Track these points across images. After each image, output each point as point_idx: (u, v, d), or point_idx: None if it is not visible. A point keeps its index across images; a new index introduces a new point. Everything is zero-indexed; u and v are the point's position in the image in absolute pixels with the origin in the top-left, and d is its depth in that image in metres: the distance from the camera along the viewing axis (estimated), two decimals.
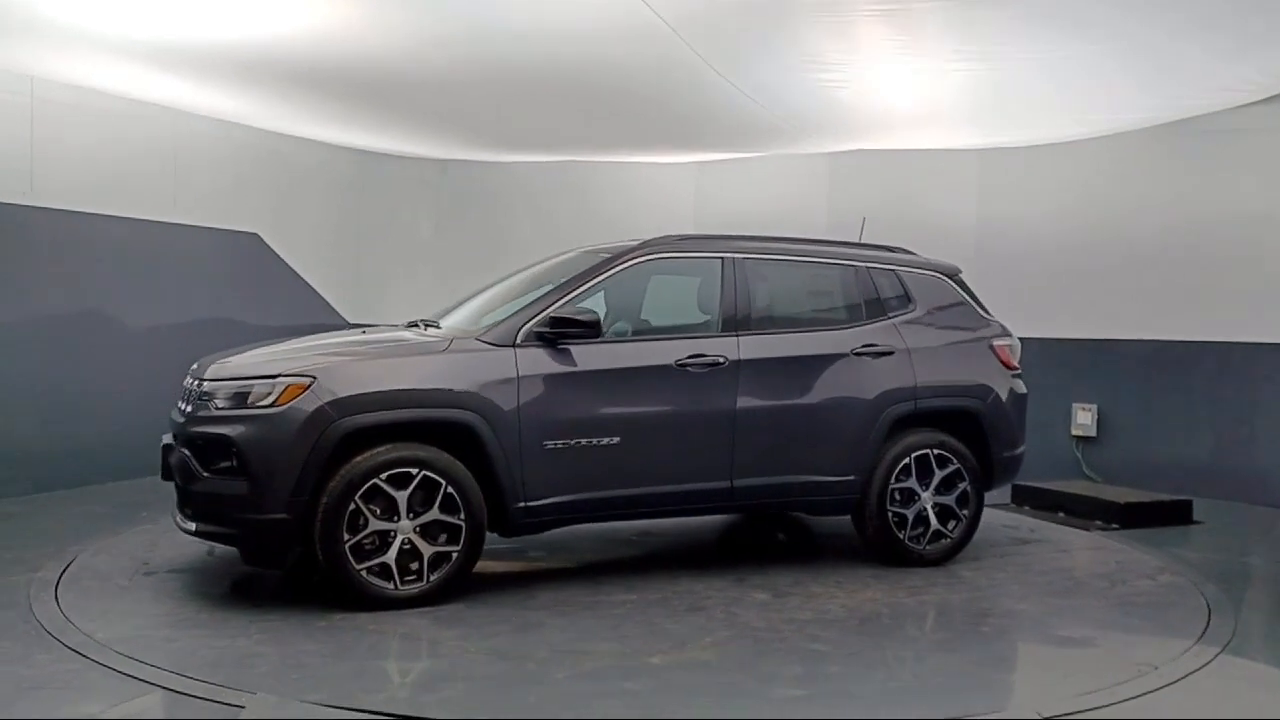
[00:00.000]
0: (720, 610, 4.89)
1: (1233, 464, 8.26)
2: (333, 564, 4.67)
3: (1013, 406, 6.07)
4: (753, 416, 5.46)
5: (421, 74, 7.06)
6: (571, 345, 5.15)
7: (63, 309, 7.82)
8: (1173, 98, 7.24)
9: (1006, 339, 6.17)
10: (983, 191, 9.47)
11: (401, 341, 5.28)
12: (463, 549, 4.85)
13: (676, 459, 5.35)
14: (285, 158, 9.87)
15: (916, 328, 5.93)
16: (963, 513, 5.86)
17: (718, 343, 5.48)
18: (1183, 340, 8.53)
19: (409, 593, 4.75)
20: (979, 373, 5.99)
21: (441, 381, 4.92)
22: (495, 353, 5.03)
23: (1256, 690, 4.18)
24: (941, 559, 5.82)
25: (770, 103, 7.49)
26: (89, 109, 7.94)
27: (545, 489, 5.05)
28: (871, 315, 5.89)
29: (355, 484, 4.67)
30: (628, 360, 5.32)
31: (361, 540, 4.69)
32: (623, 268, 5.48)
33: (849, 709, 3.72)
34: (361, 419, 4.73)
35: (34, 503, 7.09)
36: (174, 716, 3.60)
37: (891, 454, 5.72)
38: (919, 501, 5.77)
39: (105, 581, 5.21)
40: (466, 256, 10.74)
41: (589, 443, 5.12)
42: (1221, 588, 5.51)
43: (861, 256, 6.04)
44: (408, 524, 4.75)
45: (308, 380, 4.72)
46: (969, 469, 5.84)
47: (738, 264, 5.68)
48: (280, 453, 4.64)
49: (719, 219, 9.98)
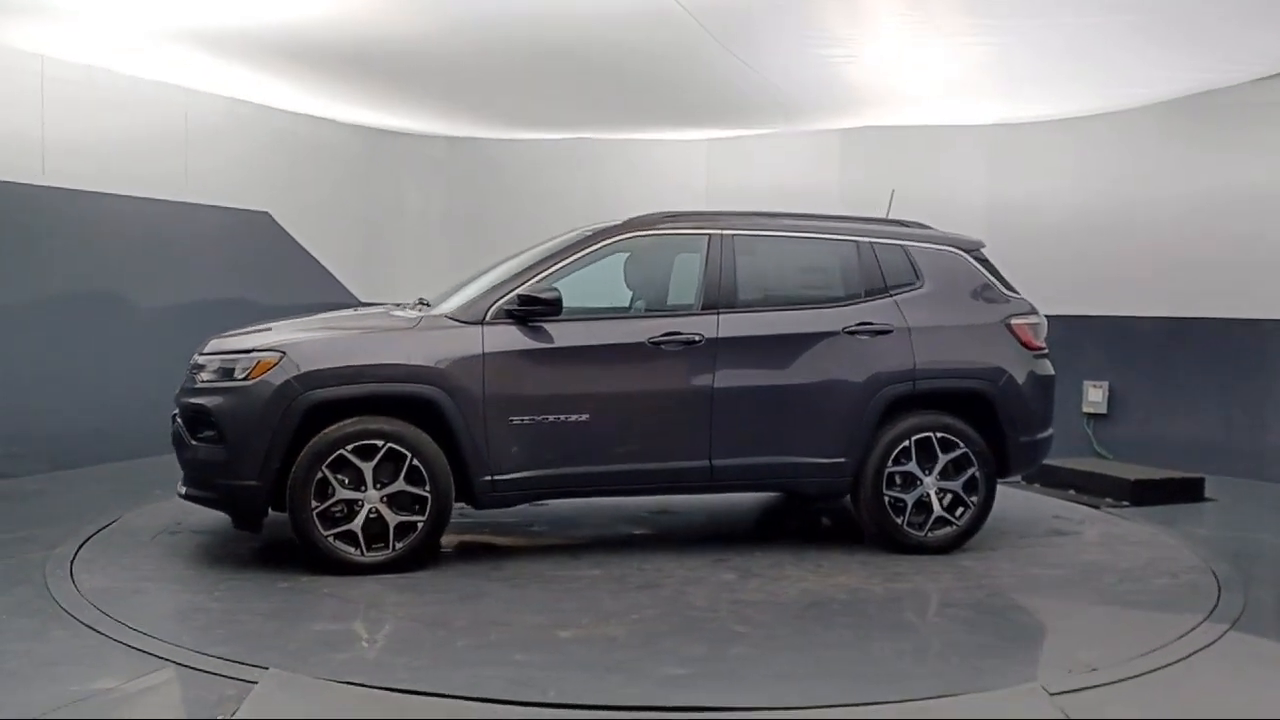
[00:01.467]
0: (672, 589, 4.87)
1: (1245, 441, 8.22)
2: (301, 530, 4.93)
3: (1033, 389, 5.74)
4: (732, 396, 5.37)
5: (433, 53, 7.05)
6: (544, 323, 5.22)
7: (76, 288, 7.86)
8: (1187, 71, 7.18)
9: (1028, 317, 5.85)
10: (994, 167, 9.42)
11: (376, 319, 5.54)
12: (428, 520, 5.01)
13: (650, 437, 5.35)
14: (297, 137, 9.88)
15: (922, 305, 5.69)
16: (971, 499, 5.59)
17: (696, 321, 5.42)
18: (1196, 317, 8.48)
19: (375, 560, 4.96)
20: (991, 353, 5.69)
21: (405, 357, 5.08)
22: (462, 330, 5.17)
23: (1265, 667, 4.18)
24: (946, 547, 5.57)
25: (781, 79, 7.45)
26: (100, 88, 7.96)
27: (512, 464, 5.16)
28: (872, 292, 5.67)
29: (322, 454, 4.90)
30: (598, 338, 5.34)
31: (330, 508, 4.92)
32: (603, 246, 5.52)
33: (725, 692, 3.63)
34: (326, 392, 4.97)
35: (49, 481, 7.16)
36: (188, 691, 3.63)
37: (889, 436, 5.52)
38: (921, 486, 5.56)
39: (120, 558, 5.27)
40: (478, 234, 10.75)
41: (556, 419, 5.19)
42: (1232, 565, 5.49)
43: (866, 231, 5.82)
44: (375, 494, 4.95)
45: (277, 355, 5.00)
46: (978, 454, 5.58)
47: (724, 241, 5.59)
48: (252, 423, 4.92)
49: (730, 196, 9.96)
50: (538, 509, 6.36)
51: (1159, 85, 7.65)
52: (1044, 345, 5.89)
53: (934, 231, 6.02)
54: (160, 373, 8.31)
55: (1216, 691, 3.88)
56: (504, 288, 5.30)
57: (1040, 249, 8.97)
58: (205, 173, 8.88)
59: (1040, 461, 6.13)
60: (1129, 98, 8.08)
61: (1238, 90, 7.86)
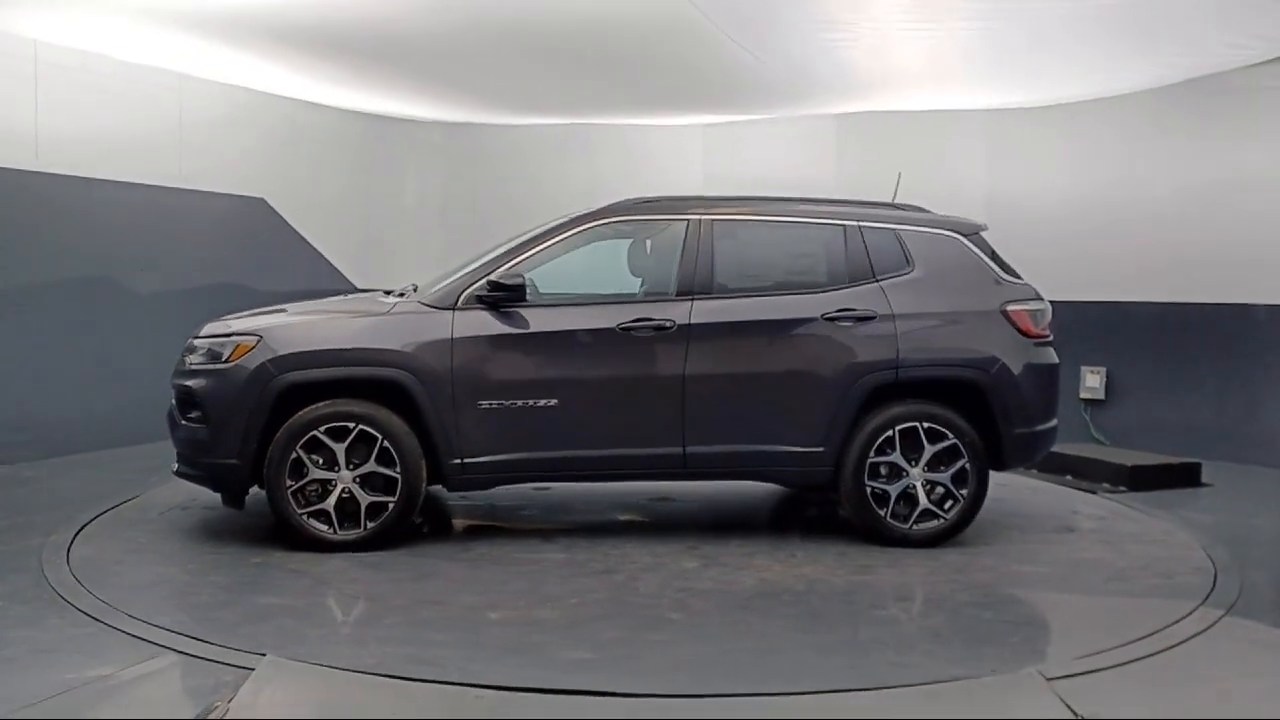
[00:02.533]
0: (627, 575, 4.87)
1: (1242, 426, 8.23)
2: (276, 507, 5.13)
3: (1032, 378, 5.52)
4: (704, 382, 5.32)
5: (428, 37, 7.01)
6: (516, 309, 5.28)
7: (70, 275, 7.84)
8: (1184, 56, 7.15)
9: (1027, 303, 5.61)
10: (992, 153, 9.40)
11: (354, 305, 5.74)
12: (399, 500, 5.13)
13: (620, 423, 5.35)
14: (293, 122, 9.84)
15: (910, 291, 5.50)
16: (960, 492, 5.39)
17: (668, 307, 5.38)
18: (1193, 302, 8.48)
19: (346, 538, 5.12)
20: (983, 340, 5.48)
21: (375, 341, 5.22)
22: (433, 315, 5.27)
23: (1261, 652, 4.19)
24: (932, 541, 5.38)
25: (777, 63, 7.42)
26: (95, 73, 7.92)
27: (481, 447, 5.23)
28: (857, 278, 5.50)
29: (297, 435, 5.08)
30: (568, 324, 5.35)
31: (305, 487, 5.10)
32: (579, 232, 5.52)
33: (622, 677, 3.62)
34: (299, 375, 5.14)
35: (44, 468, 7.14)
36: (185, 677, 3.63)
37: (872, 426, 5.36)
38: (907, 478, 5.40)
39: (117, 545, 5.27)
40: (475, 220, 10.72)
41: (525, 404, 5.24)
42: (1228, 550, 5.50)
43: (856, 215, 5.65)
44: (347, 474, 5.11)
45: (254, 340, 5.19)
46: (968, 445, 5.37)
47: (702, 226, 5.53)
48: (230, 404, 5.13)
49: (727, 180, 9.94)
50: (540, 494, 6.46)
51: (1157, 70, 7.62)
52: (1046, 333, 5.69)
53: (930, 215, 5.84)
54: (155, 359, 8.29)
55: (1213, 676, 3.89)
56: (477, 274, 5.37)
57: (1039, 234, 8.94)
58: (200, 159, 8.85)
59: (1042, 454, 5.95)
60: (1127, 83, 8.05)
61: (1235, 75, 7.84)
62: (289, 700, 3.43)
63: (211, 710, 3.26)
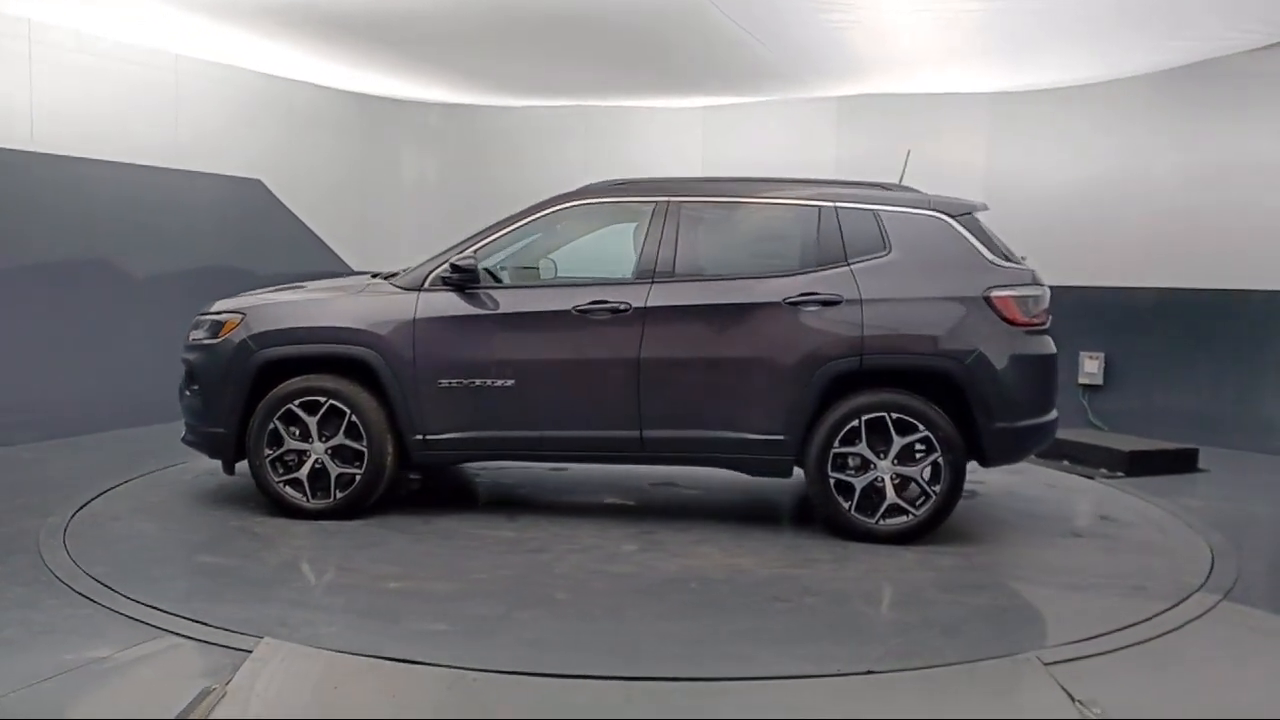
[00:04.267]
0: (552, 555, 4.91)
1: (1240, 412, 8.24)
2: (257, 475, 5.44)
3: (1018, 369, 5.17)
4: (659, 366, 5.25)
5: (427, 18, 6.96)
6: (480, 290, 5.40)
7: (65, 256, 7.80)
8: (1186, 40, 7.11)
9: (1014, 289, 5.23)
10: (993, 136, 9.36)
11: (332, 286, 5.91)
12: (365, 472, 5.36)
13: (577, 405, 5.36)
14: (290, 103, 9.79)
15: (882, 275, 5.22)
16: (933, 489, 5.10)
17: (627, 290, 5.34)
18: (1192, 288, 8.46)
19: (318, 506, 5.40)
20: (960, 328, 5.14)
21: (343, 321, 5.45)
22: (400, 296, 5.45)
23: (1258, 637, 4.20)
24: (900, 537, 5.12)
25: (777, 45, 7.38)
26: (89, 53, 7.86)
27: (442, 424, 5.39)
28: (827, 261, 5.27)
29: (274, 407, 5.38)
30: (525, 306, 5.41)
31: (283, 456, 5.41)
32: (551, 213, 5.58)
33: (465, 650, 3.68)
34: (275, 351, 5.45)
35: (41, 450, 7.13)
36: (183, 659, 3.63)
37: (836, 415, 5.13)
38: (874, 470, 5.15)
39: (113, 526, 5.27)
40: (474, 202, 10.64)
41: (483, 383, 5.34)
42: (1225, 535, 5.52)
43: (832, 196, 5.42)
44: (320, 446, 5.39)
45: (239, 318, 5.53)
46: (941, 438, 5.07)
47: (670, 209, 5.46)
48: (217, 377, 5.49)
49: (727, 163, 9.90)
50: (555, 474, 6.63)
51: (1159, 54, 7.59)
52: (1038, 320, 5.31)
53: (916, 195, 5.56)
54: (152, 341, 8.30)
55: (1210, 661, 3.90)
56: (446, 256, 5.48)
57: (1039, 218, 8.93)
58: (196, 139, 8.80)
59: (1032, 450, 5.50)
60: (1129, 67, 8.02)
61: (1236, 59, 7.81)
62: (286, 682, 3.43)
63: (209, 692, 3.27)
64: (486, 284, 5.43)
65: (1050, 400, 5.42)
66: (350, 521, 5.36)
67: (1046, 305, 5.38)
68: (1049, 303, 5.42)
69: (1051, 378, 5.41)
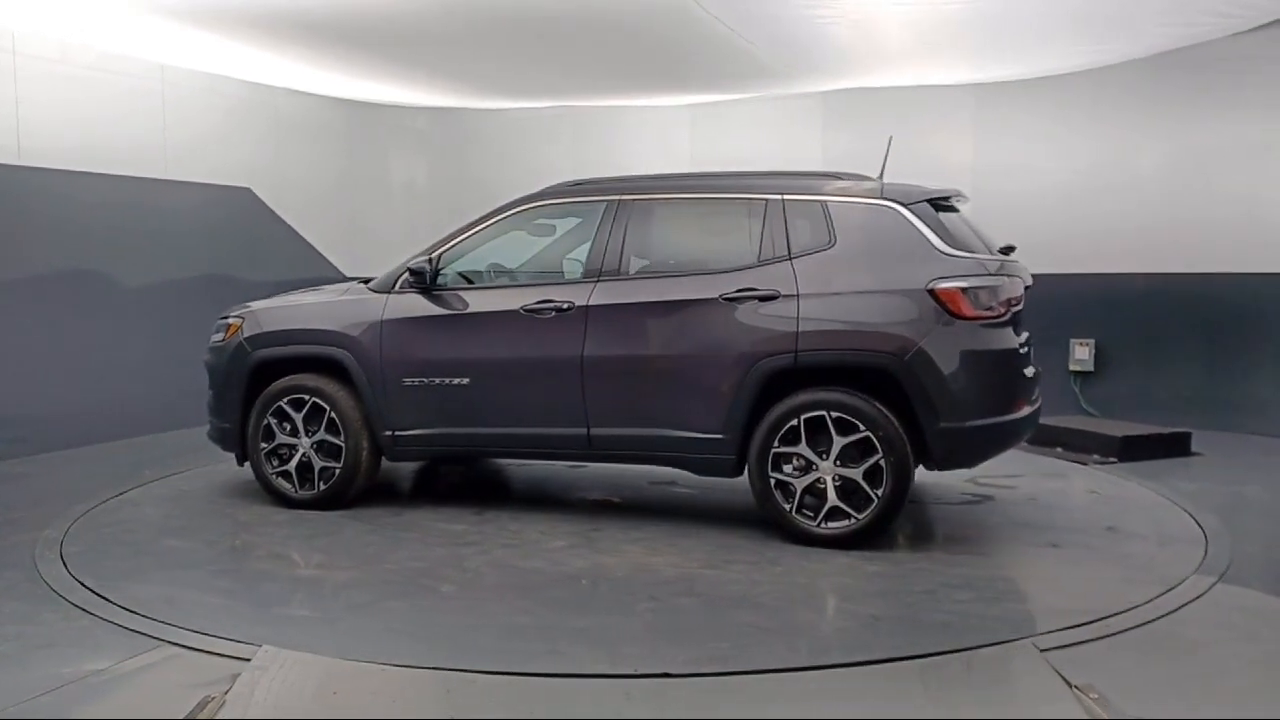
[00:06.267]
0: (479, 549, 5.02)
1: (1231, 395, 8.27)
2: (254, 467, 5.86)
3: (965, 365, 4.85)
4: (602, 365, 5.25)
5: (412, 22, 6.95)
6: (444, 292, 5.59)
7: (55, 269, 7.79)
8: (1169, 26, 7.12)
9: (962, 280, 4.87)
10: (979, 127, 9.38)
11: (319, 291, 6.24)
12: (343, 466, 5.68)
13: (526, 403, 5.45)
14: (276, 110, 9.78)
15: (822, 268, 5.02)
16: (875, 492, 4.86)
17: (573, 289, 5.37)
18: (1181, 272, 8.49)
19: (304, 497, 5.76)
20: (899, 322, 4.86)
21: (321, 323, 5.79)
22: (372, 298, 5.74)
23: (1252, 619, 4.21)
24: (842, 542, 4.89)
25: (763, 42, 7.39)
26: (75, 64, 7.85)
27: (407, 421, 5.63)
28: (770, 255, 5.11)
29: (267, 404, 5.79)
30: (480, 306, 5.54)
31: (277, 449, 5.79)
32: (512, 215, 5.70)
33: (320, 638, 3.84)
34: (267, 352, 5.85)
35: (35, 463, 7.12)
36: (182, 669, 3.62)
37: (776, 413, 4.97)
38: (816, 471, 4.96)
39: (109, 538, 5.26)
40: (463, 205, 10.61)
41: (441, 382, 5.54)
42: (1219, 518, 5.54)
43: (780, 188, 5.27)
44: (306, 441, 5.74)
45: (240, 321, 5.98)
46: (883, 439, 4.81)
47: (621, 207, 5.47)
48: (223, 376, 5.97)
49: (714, 161, 9.90)
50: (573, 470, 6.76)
51: (1142, 41, 7.60)
52: (991, 314, 4.92)
53: (869, 184, 5.27)
54: (144, 352, 8.29)
55: (1206, 643, 3.91)
56: (417, 258, 5.67)
57: (1026, 207, 8.96)
58: (184, 149, 8.79)
59: (991, 452, 5.16)
60: (1113, 54, 8.03)
61: (1220, 45, 7.83)
62: (286, 689, 3.43)
63: (208, 701, 3.27)
64: (447, 286, 5.61)
65: (1009, 399, 5.05)
66: (330, 512, 5.68)
67: (1007, 297, 5.02)
68: (1016, 294, 5.11)
69: (1010, 374, 5.06)
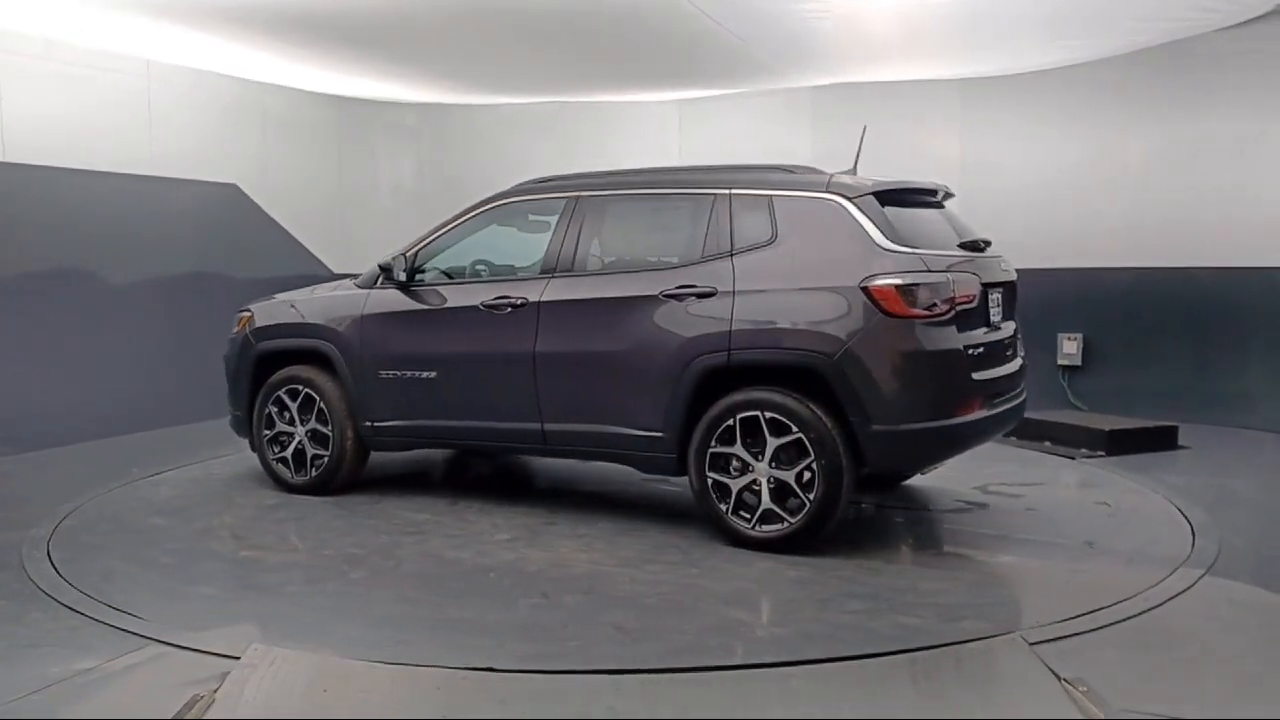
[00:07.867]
0: (419, 538, 5.16)
1: (1218, 389, 8.30)
2: (258, 453, 6.20)
3: (899, 366, 4.64)
4: (552, 360, 5.32)
5: (401, 18, 6.93)
6: (420, 288, 5.76)
7: (41, 267, 7.75)
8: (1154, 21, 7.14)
9: (900, 278, 4.63)
10: (966, 122, 9.40)
11: (315, 287, 6.46)
12: (330, 454, 5.95)
13: (485, 397, 5.57)
14: (264, 106, 9.75)
15: (760, 264, 4.90)
16: (806, 496, 4.71)
17: (528, 285, 5.46)
18: (1167, 267, 8.53)
19: (300, 481, 6.04)
20: (829, 320, 4.67)
21: (310, 317, 6.06)
22: (355, 294, 5.99)
23: (1240, 612, 4.24)
24: (775, 546, 4.77)
25: (751, 37, 7.39)
26: (59, 60, 7.81)
27: (384, 413, 5.85)
28: (714, 251, 5.02)
29: (268, 394, 6.10)
30: (444, 302, 5.70)
31: (278, 436, 6.10)
32: (481, 213, 5.84)
33: (219, 624, 3.97)
34: (267, 345, 6.18)
35: (22, 462, 7.08)
36: (171, 668, 3.61)
37: (713, 412, 4.89)
38: (751, 473, 4.84)
39: (97, 537, 5.24)
40: (451, 201, 10.57)
41: (412, 375, 5.73)
42: (1206, 511, 5.57)
43: (730, 183, 5.17)
44: (301, 430, 6.01)
45: (248, 315, 6.33)
46: (815, 441, 4.65)
47: (579, 204, 5.51)
48: (234, 367, 6.32)
49: (703, 157, 9.89)
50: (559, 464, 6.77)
51: (1128, 36, 7.62)
52: (933, 312, 4.66)
53: (815, 178, 5.11)
54: (130, 350, 8.25)
55: (1193, 636, 3.94)
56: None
57: (1014, 202, 8.98)
58: (170, 145, 8.75)
59: (931, 458, 5.06)
60: (1099, 49, 8.05)
61: (1205, 40, 7.86)
62: (276, 686, 3.42)
63: (198, 699, 3.26)
64: (422, 283, 5.78)
65: (952, 402, 4.77)
66: (317, 497, 5.95)
67: (951, 295, 4.73)
68: (967, 291, 4.84)
69: (953, 376, 4.77)
